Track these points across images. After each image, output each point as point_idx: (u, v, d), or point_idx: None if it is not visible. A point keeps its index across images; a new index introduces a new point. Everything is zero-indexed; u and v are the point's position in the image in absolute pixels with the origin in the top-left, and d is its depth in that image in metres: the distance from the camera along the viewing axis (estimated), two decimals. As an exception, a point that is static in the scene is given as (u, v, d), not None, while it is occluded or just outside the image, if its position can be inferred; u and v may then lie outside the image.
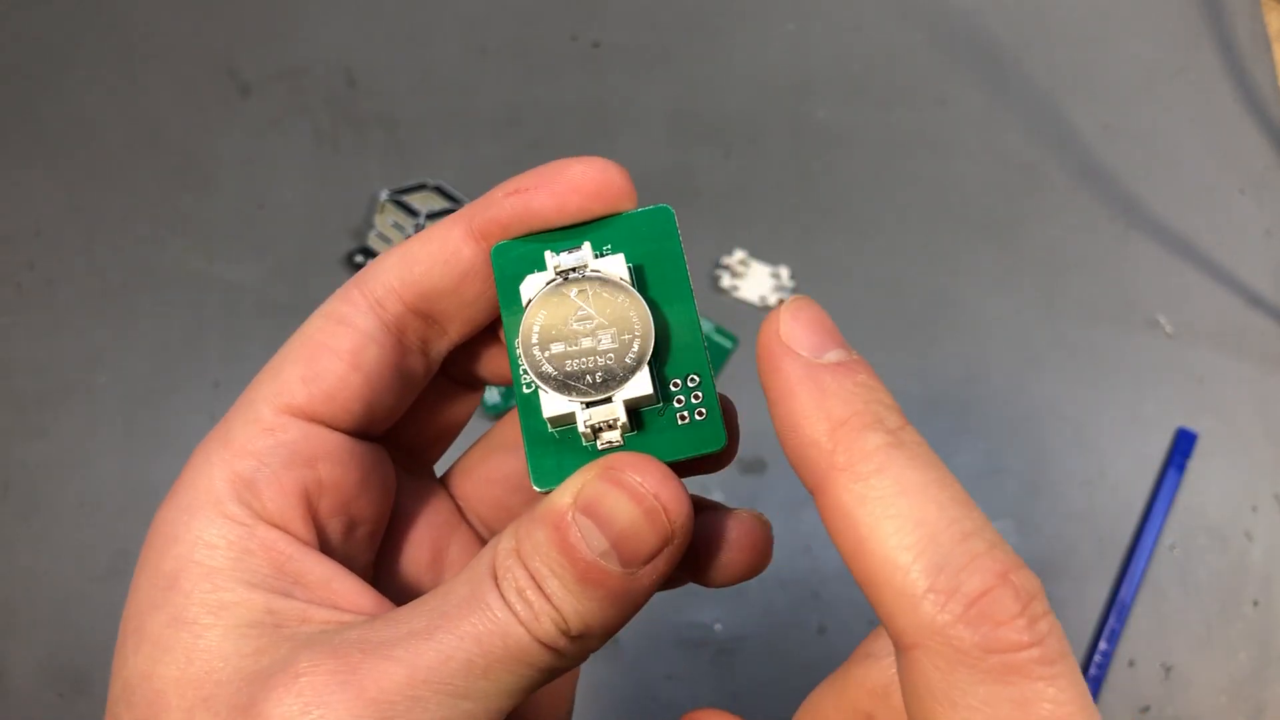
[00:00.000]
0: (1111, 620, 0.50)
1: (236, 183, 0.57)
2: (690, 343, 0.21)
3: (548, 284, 0.21)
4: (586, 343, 0.20)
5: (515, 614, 0.19)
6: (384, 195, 0.57)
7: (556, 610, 0.19)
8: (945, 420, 0.54)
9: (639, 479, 0.19)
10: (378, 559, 0.25)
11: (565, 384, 0.20)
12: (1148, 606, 0.51)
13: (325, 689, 0.18)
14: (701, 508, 0.22)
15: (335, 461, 0.22)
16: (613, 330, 0.20)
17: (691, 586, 0.23)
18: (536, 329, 0.21)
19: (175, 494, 0.21)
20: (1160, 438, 0.54)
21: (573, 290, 0.21)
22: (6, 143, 0.58)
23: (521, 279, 0.21)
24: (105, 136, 0.58)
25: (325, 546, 0.22)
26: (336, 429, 0.22)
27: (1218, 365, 0.55)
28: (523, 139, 0.59)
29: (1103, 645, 0.50)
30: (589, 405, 0.20)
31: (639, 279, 0.22)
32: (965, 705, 0.16)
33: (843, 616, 0.50)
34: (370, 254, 0.55)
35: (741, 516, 0.22)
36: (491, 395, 0.53)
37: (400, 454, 0.26)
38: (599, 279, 0.21)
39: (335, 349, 0.22)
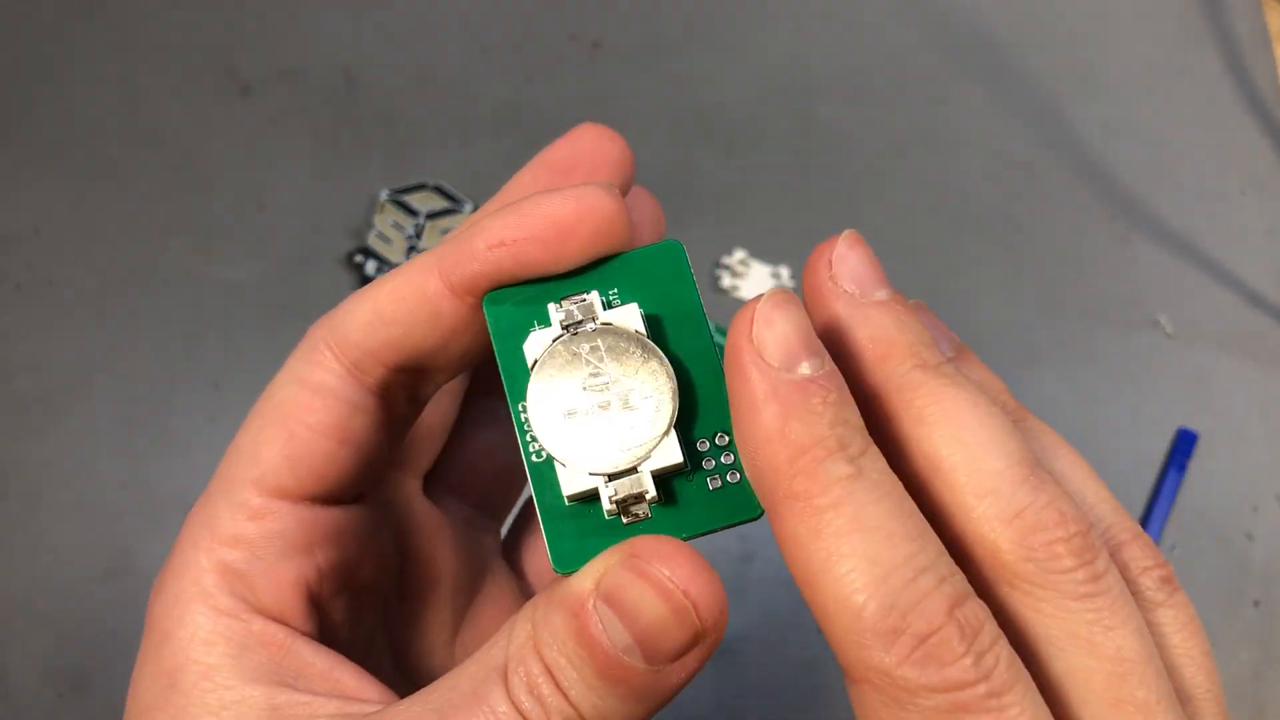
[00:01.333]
0: (1112, 620, 0.50)
1: (236, 183, 0.57)
2: (716, 396, 0.19)
3: (554, 340, 0.19)
4: (603, 408, 0.18)
5: (522, 714, 0.17)
6: (384, 195, 0.57)
7: (573, 708, 0.17)
8: (945, 420, 0.54)
9: (666, 572, 0.17)
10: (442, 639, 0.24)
11: (583, 451, 0.18)
12: (1148, 606, 0.51)
13: None
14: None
15: (333, 543, 0.21)
16: (632, 392, 0.18)
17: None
18: (547, 394, 0.18)
19: (165, 582, 0.20)
20: (1160, 438, 0.54)
21: (584, 347, 0.18)
22: (6, 143, 0.58)
23: (520, 333, 0.19)
24: (105, 136, 0.58)
25: (330, 628, 0.21)
26: (329, 505, 0.21)
27: (1218, 365, 0.55)
28: (523, 139, 0.59)
29: (1103, 645, 0.50)
30: (612, 479, 0.18)
31: (654, 329, 0.19)
32: None
33: (843, 616, 0.50)
34: (370, 254, 0.55)
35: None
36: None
37: (470, 513, 0.25)
38: (611, 333, 0.19)
39: (316, 425, 0.20)
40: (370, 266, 0.55)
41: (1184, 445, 0.53)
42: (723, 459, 0.19)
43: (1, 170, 0.57)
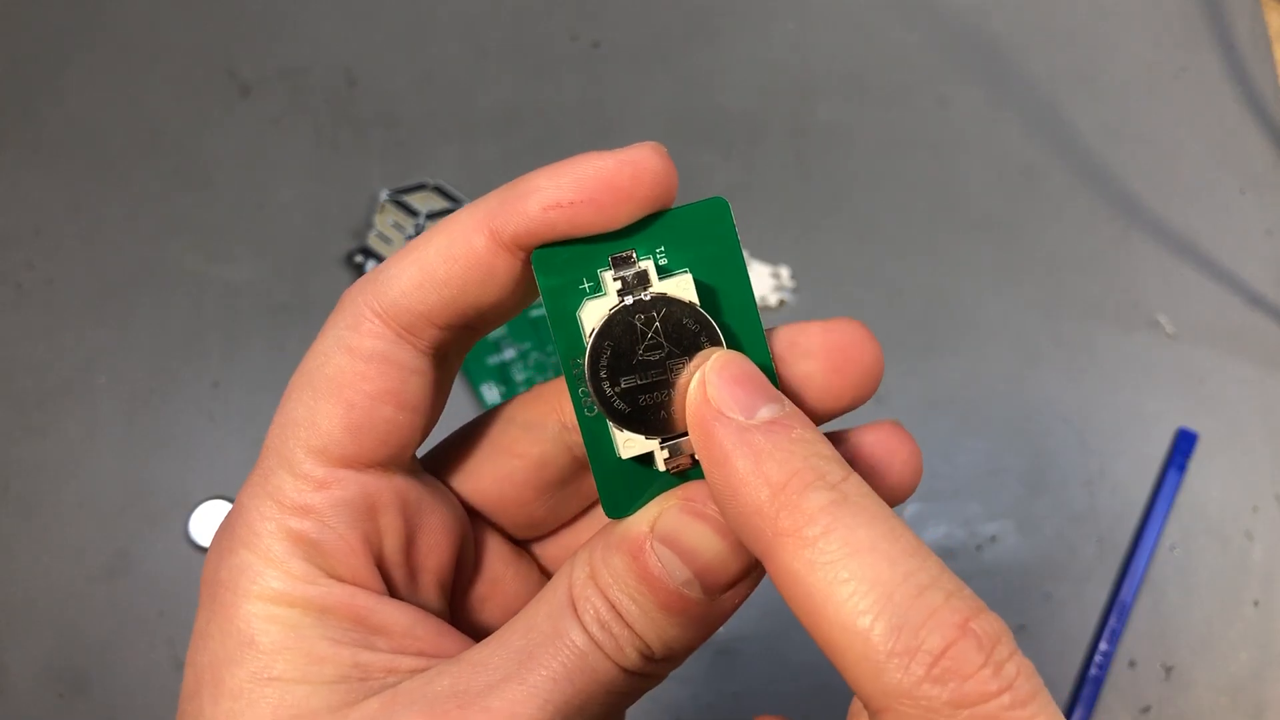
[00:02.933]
0: (1112, 620, 0.50)
1: (236, 183, 0.57)
2: (760, 362, 0.20)
3: (611, 310, 0.19)
4: (658, 374, 0.19)
5: (600, 646, 0.19)
6: (384, 195, 0.57)
7: (639, 637, 0.19)
8: (945, 420, 0.54)
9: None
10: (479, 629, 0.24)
11: (639, 421, 0.19)
12: (1148, 607, 0.51)
13: None
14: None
15: (396, 508, 0.21)
16: (685, 359, 0.19)
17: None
18: (604, 362, 0.19)
19: (230, 549, 0.20)
20: (1160, 438, 0.54)
21: (640, 318, 0.19)
22: (6, 143, 0.58)
23: (571, 291, 0.20)
24: (105, 136, 0.58)
25: (394, 593, 0.21)
26: (391, 470, 0.21)
27: (1218, 365, 0.55)
28: (523, 139, 0.59)
29: (1103, 645, 0.50)
30: (666, 442, 0.20)
31: (705, 294, 0.20)
32: None
33: (843, 616, 0.50)
34: (370, 254, 0.55)
35: (880, 432, 0.21)
36: (492, 395, 0.53)
37: (497, 527, 0.25)
38: (666, 303, 0.19)
39: (374, 393, 0.20)
40: (370, 266, 0.55)
41: (1184, 445, 0.53)
42: None
43: (1, 170, 0.57)
